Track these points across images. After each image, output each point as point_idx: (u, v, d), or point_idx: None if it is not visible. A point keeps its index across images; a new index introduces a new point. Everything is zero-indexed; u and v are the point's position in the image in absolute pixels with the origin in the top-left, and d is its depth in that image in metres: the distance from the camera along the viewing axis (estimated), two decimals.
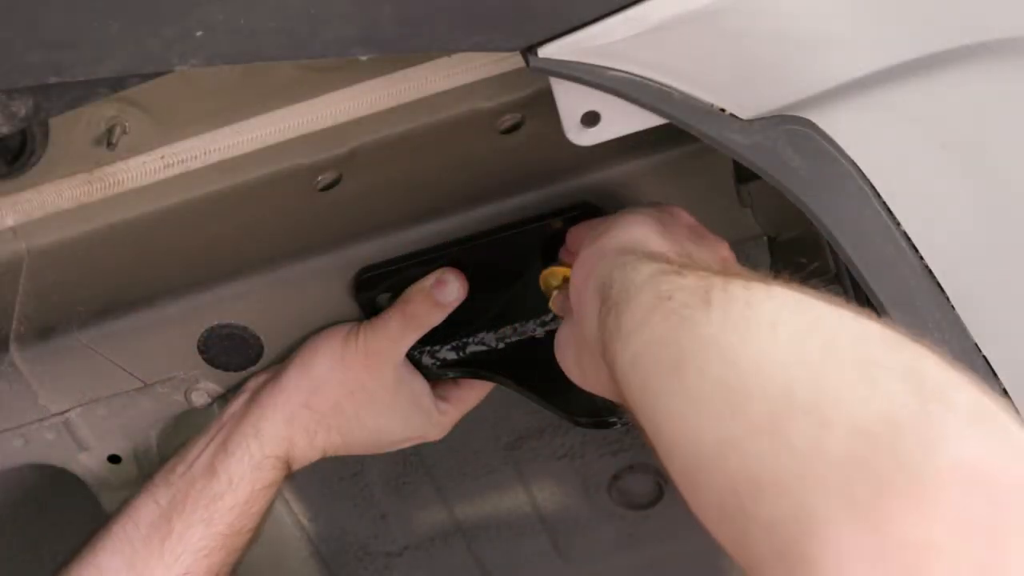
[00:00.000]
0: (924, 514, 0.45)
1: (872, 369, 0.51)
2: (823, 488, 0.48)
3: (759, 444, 0.51)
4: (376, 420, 1.00)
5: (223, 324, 0.97)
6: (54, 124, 0.87)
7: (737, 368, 0.55)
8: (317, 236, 0.95)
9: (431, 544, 1.33)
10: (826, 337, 0.54)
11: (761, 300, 0.58)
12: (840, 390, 0.51)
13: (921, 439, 0.47)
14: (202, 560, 0.94)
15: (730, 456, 0.53)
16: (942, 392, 0.50)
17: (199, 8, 0.64)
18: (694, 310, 0.60)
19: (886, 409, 0.49)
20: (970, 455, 0.46)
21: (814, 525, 0.47)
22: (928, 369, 0.51)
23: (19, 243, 0.94)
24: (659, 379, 0.60)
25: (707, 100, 0.73)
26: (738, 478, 0.52)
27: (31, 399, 0.99)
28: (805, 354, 0.54)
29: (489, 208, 0.94)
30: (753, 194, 0.93)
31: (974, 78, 0.72)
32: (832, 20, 0.70)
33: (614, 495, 1.30)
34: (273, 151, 0.91)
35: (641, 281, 0.67)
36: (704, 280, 0.62)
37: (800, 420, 0.50)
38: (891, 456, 0.47)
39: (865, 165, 0.74)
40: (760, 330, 0.56)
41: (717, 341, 0.57)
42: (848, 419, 0.49)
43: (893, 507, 0.45)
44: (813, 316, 0.56)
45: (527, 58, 0.70)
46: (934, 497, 0.45)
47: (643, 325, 0.63)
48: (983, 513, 0.45)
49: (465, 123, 0.91)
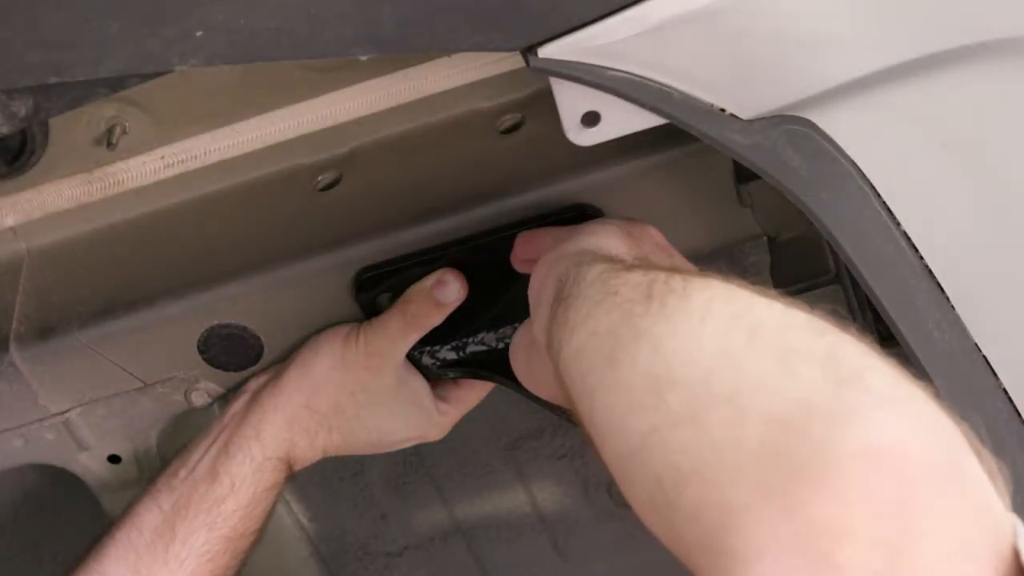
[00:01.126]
0: (835, 497, 0.45)
1: (791, 356, 0.52)
2: (741, 477, 0.48)
3: (680, 434, 0.52)
4: (377, 420, 1.00)
5: (223, 324, 0.97)
6: (54, 124, 0.87)
7: (663, 358, 0.55)
8: (317, 236, 0.95)
9: (431, 544, 1.33)
10: (750, 326, 0.55)
11: (695, 292, 0.58)
12: (759, 378, 0.51)
13: (832, 423, 0.47)
14: (206, 564, 0.94)
15: (655, 447, 0.53)
16: (857, 376, 0.50)
17: (199, 8, 0.64)
18: (635, 303, 0.60)
19: (801, 395, 0.49)
20: (878, 437, 0.46)
21: (733, 515, 0.47)
22: (845, 354, 0.52)
23: (19, 243, 0.94)
24: (596, 371, 0.60)
25: (707, 100, 0.73)
26: (662, 469, 0.52)
27: (31, 399, 0.99)
28: (729, 343, 0.54)
29: (489, 208, 0.94)
30: (753, 194, 0.93)
31: (974, 78, 0.72)
32: (832, 20, 0.70)
33: (614, 495, 1.30)
34: (273, 151, 0.91)
35: (592, 277, 0.68)
36: (649, 275, 0.63)
37: (719, 410, 0.51)
38: (803, 441, 0.47)
39: (865, 165, 0.74)
40: (689, 320, 0.57)
41: (650, 332, 0.57)
42: (765, 407, 0.49)
43: (805, 492, 0.46)
44: (741, 306, 0.57)
45: (527, 58, 0.70)
46: (845, 480, 0.45)
47: (588, 318, 0.64)
48: (894, 494, 0.45)
49: (465, 123, 0.91)
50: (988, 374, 0.78)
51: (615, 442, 0.57)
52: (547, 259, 0.78)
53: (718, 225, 0.95)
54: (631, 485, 0.56)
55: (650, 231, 0.85)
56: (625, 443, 0.56)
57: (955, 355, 0.77)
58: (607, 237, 0.79)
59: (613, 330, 0.60)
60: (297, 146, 0.91)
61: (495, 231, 0.94)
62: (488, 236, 0.94)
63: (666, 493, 0.52)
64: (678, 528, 0.51)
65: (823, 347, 0.52)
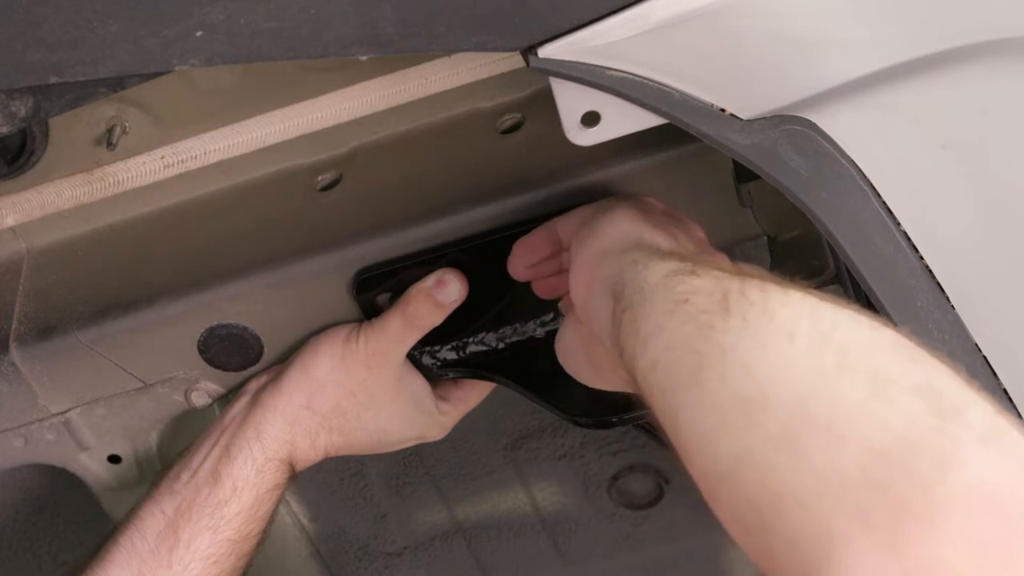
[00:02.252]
0: (940, 536, 0.45)
1: (886, 385, 0.51)
2: (841, 507, 0.48)
3: (777, 458, 0.51)
4: (377, 421, 1.00)
5: (223, 324, 0.97)
6: (54, 124, 0.87)
7: (754, 378, 0.55)
8: (317, 236, 0.95)
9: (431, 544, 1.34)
10: (840, 347, 0.54)
11: (778, 307, 0.58)
12: (855, 405, 0.51)
13: (936, 461, 0.47)
14: (211, 568, 0.93)
15: (749, 469, 0.53)
16: (957, 411, 0.50)
17: (199, 8, 0.64)
18: (712, 316, 0.60)
19: (901, 428, 0.49)
20: (984, 477, 0.47)
21: (834, 545, 0.47)
22: (943, 386, 0.51)
23: (19, 243, 0.94)
24: (679, 389, 0.60)
25: (707, 100, 0.72)
26: (758, 491, 0.52)
27: (31, 399, 0.99)
28: (821, 365, 0.54)
29: (489, 208, 0.94)
30: (753, 194, 0.93)
31: (974, 78, 0.72)
32: (832, 20, 0.70)
33: (614, 495, 1.30)
34: (273, 151, 0.91)
35: (655, 281, 0.67)
36: (720, 283, 0.62)
37: (816, 435, 0.51)
38: (907, 477, 0.47)
39: (865, 165, 0.74)
40: (778, 338, 0.56)
41: (736, 349, 0.57)
42: (864, 436, 0.49)
43: (910, 529, 0.46)
44: (829, 324, 0.56)
45: (527, 58, 0.70)
46: (949, 520, 0.46)
47: (661, 329, 0.63)
48: (998, 535, 0.45)
49: (465, 123, 0.91)
50: (988, 374, 0.78)
51: (703, 462, 0.57)
52: (584, 258, 0.78)
53: (718, 225, 0.95)
54: (721, 504, 0.55)
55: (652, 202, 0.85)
56: (714, 464, 0.55)
57: (955, 355, 0.77)
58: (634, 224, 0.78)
59: (692, 345, 0.59)
60: (297, 146, 0.91)
61: (495, 231, 0.94)
62: (488, 236, 0.94)
63: (762, 516, 0.51)
64: (774, 552, 0.51)
65: (919, 375, 0.52)
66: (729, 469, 0.54)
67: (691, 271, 0.66)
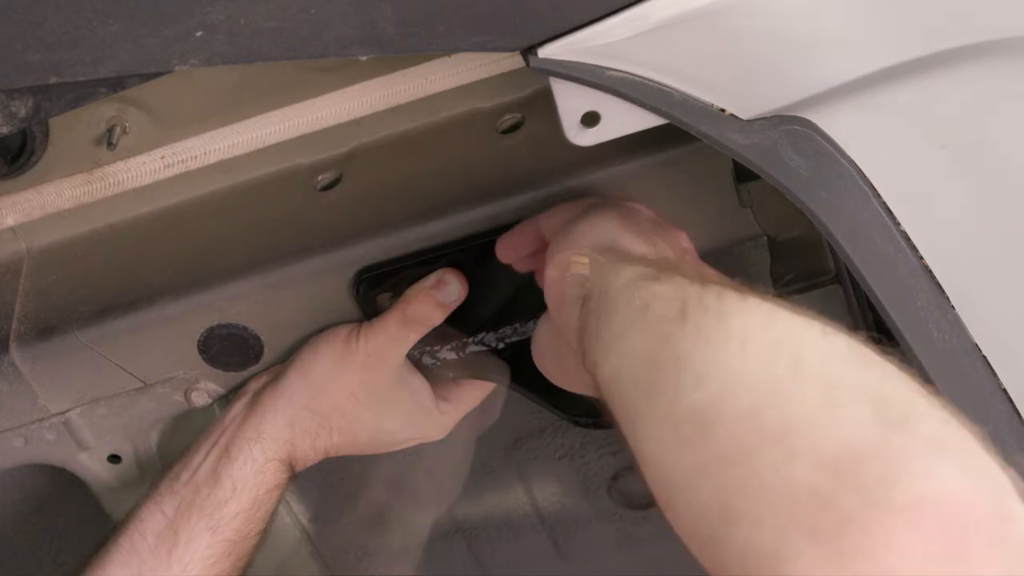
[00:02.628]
0: (887, 549, 0.45)
1: (837, 392, 0.51)
2: (791, 522, 0.48)
3: (728, 472, 0.52)
4: (377, 421, 1.00)
5: (223, 324, 0.97)
6: (54, 124, 0.87)
7: (707, 389, 0.55)
8: (317, 236, 0.95)
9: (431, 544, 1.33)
10: (793, 354, 0.54)
11: (731, 313, 0.58)
12: (807, 414, 0.51)
13: (884, 472, 0.47)
14: (210, 568, 0.93)
15: (702, 483, 0.53)
16: (906, 420, 0.49)
17: (199, 8, 0.64)
18: (671, 323, 0.60)
19: (850, 437, 0.49)
20: (933, 488, 0.46)
21: (784, 562, 0.48)
22: (894, 393, 0.51)
23: (19, 243, 0.94)
24: (638, 399, 0.60)
25: (707, 100, 0.72)
26: (710, 505, 0.52)
27: (31, 399, 0.99)
28: (773, 373, 0.54)
29: (489, 208, 0.94)
30: (753, 194, 0.93)
31: (974, 78, 0.72)
32: (832, 20, 0.70)
33: (614, 495, 1.30)
34: (273, 151, 0.91)
35: (620, 286, 0.67)
36: (680, 290, 0.62)
37: (768, 449, 0.51)
38: (854, 489, 0.47)
39: (865, 165, 0.74)
40: (730, 347, 0.56)
41: (691, 358, 0.57)
42: (813, 449, 0.49)
43: (858, 542, 0.46)
44: (781, 331, 0.56)
45: (527, 58, 0.70)
46: (897, 532, 0.45)
47: (622, 337, 0.63)
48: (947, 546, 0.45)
49: (465, 123, 0.91)
50: (988, 374, 0.78)
51: (660, 473, 0.57)
52: (558, 253, 0.78)
53: (718, 225, 0.95)
54: (677, 515, 0.56)
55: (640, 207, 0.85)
56: (670, 475, 0.56)
57: (955, 355, 0.77)
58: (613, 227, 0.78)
59: (650, 354, 0.60)
60: (297, 146, 0.91)
61: (495, 231, 0.94)
62: (488, 236, 0.94)
63: (714, 529, 0.52)
64: (726, 564, 0.51)
65: (870, 382, 0.52)
66: (684, 483, 0.54)
67: (654, 277, 0.66)
